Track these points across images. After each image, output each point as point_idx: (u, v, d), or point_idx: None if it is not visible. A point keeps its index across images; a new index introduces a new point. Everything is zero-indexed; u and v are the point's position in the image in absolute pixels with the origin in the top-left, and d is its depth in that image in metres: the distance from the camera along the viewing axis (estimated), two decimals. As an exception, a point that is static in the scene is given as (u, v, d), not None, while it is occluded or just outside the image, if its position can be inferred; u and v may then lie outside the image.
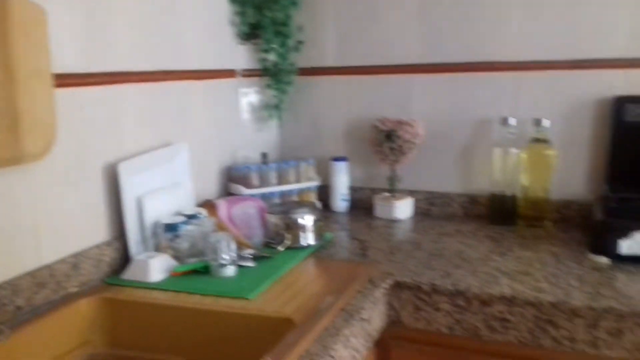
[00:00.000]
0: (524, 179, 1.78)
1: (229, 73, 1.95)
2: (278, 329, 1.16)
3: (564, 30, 1.78)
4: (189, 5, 1.72)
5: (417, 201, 2.01)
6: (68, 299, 1.30)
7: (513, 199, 1.83)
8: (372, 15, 2.00)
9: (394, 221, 1.93)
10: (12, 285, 1.18)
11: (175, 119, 1.69)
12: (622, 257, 1.46)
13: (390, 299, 1.39)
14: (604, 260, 1.48)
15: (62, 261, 1.31)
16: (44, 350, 1.20)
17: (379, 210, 1.98)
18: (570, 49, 1.78)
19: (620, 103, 1.71)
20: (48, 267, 1.27)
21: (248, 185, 1.89)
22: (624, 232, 1.45)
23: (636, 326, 1.20)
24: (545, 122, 1.75)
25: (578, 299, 1.25)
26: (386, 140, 1.92)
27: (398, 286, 1.38)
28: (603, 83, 1.76)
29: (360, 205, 2.08)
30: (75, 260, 1.34)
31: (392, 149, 1.92)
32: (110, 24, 1.43)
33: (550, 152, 1.76)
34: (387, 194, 2.00)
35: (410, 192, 2.01)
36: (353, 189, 2.09)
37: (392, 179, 1.98)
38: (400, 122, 1.92)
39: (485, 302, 1.30)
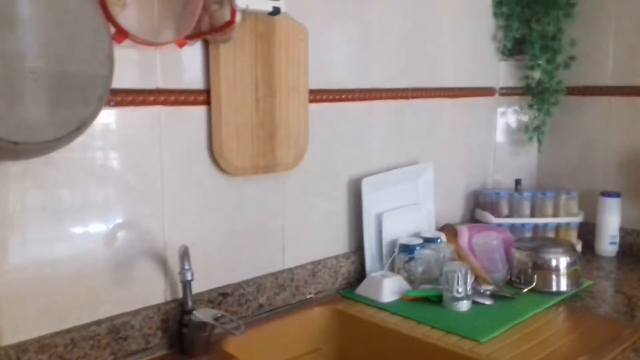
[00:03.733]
0: None
1: (486, 91, 1.85)
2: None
3: None
4: (449, 22, 1.68)
5: None
6: (304, 304, 1.36)
7: None
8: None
9: (678, 278, 1.56)
10: (257, 283, 1.28)
11: (423, 137, 1.65)
12: None
13: (663, 379, 1.11)
14: None
15: (302, 267, 1.38)
16: (279, 349, 1.27)
17: (658, 261, 1.63)
18: None
19: None
20: (289, 271, 1.35)
21: (496, 213, 1.75)
22: None
23: None
24: None
25: None
26: (676, 177, 1.57)
27: (675, 365, 1.10)
28: None
29: (632, 252, 1.77)
30: (314, 268, 1.40)
31: (683, 189, 1.57)
32: (369, 43, 1.46)
33: None
34: (671, 243, 1.64)
35: None
36: (625, 232, 1.78)
37: (681, 226, 1.61)
38: (699, 157, 1.55)
39: None
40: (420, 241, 1.46)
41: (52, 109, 0.86)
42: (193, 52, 1.12)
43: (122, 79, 1.01)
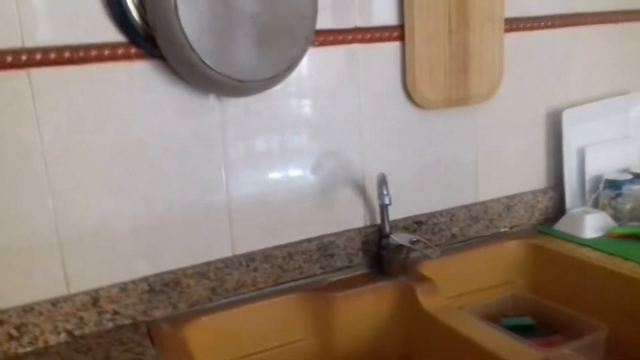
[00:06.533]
0: None
1: None
2: None
3: None
4: None
5: None
6: (498, 237, 1.37)
7: None
8: None
9: None
10: (451, 214, 1.32)
11: (635, 65, 1.49)
12: None
13: None
14: None
15: (497, 201, 1.37)
16: (472, 278, 1.30)
17: None
18: None
19: None
20: (483, 204, 1.36)
21: None
22: None
23: None
24: None
25: None
26: None
27: None
28: None
29: None
30: (509, 202, 1.38)
31: None
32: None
33: None
34: None
35: None
36: None
37: None
38: None
39: None
40: (629, 177, 1.35)
41: (267, 50, 0.97)
42: (387, -11, 1.17)
43: (324, 20, 1.09)
